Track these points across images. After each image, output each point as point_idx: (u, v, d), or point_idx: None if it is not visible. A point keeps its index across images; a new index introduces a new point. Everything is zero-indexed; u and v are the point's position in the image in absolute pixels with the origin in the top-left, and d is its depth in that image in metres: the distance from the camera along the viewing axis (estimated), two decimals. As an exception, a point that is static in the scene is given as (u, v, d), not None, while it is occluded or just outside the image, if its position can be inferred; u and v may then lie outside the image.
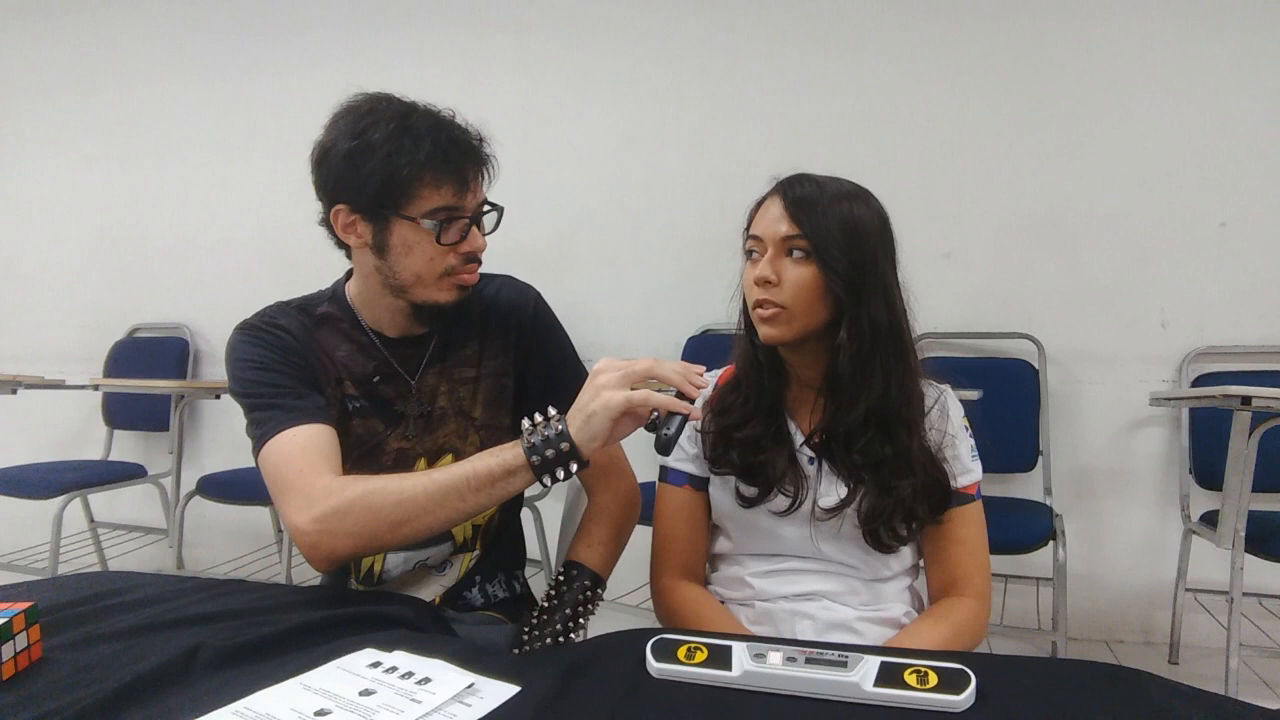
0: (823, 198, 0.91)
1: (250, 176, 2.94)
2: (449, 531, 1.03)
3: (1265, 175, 2.13)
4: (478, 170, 0.93)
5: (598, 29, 2.60)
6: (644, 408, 0.78)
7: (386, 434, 1.01)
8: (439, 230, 0.90)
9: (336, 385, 1.00)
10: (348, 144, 0.89)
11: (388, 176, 0.88)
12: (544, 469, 0.79)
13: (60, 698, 0.58)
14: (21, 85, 3.20)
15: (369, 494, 0.82)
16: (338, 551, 0.84)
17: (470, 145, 0.92)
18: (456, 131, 0.91)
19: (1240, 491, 1.61)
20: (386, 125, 0.89)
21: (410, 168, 0.88)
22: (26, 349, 3.14)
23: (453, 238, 0.92)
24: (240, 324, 1.00)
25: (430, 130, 0.89)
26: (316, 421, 0.91)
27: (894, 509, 0.91)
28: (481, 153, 0.94)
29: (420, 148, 0.88)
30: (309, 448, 0.88)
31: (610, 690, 0.63)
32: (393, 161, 0.88)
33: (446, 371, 1.04)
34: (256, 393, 0.93)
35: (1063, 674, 0.67)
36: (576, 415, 0.79)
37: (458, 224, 0.92)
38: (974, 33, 2.31)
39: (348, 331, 1.02)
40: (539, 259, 2.52)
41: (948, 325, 2.30)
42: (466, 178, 0.91)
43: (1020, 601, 2.20)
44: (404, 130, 0.89)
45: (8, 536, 2.74)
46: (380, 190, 0.89)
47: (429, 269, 0.93)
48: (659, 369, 0.80)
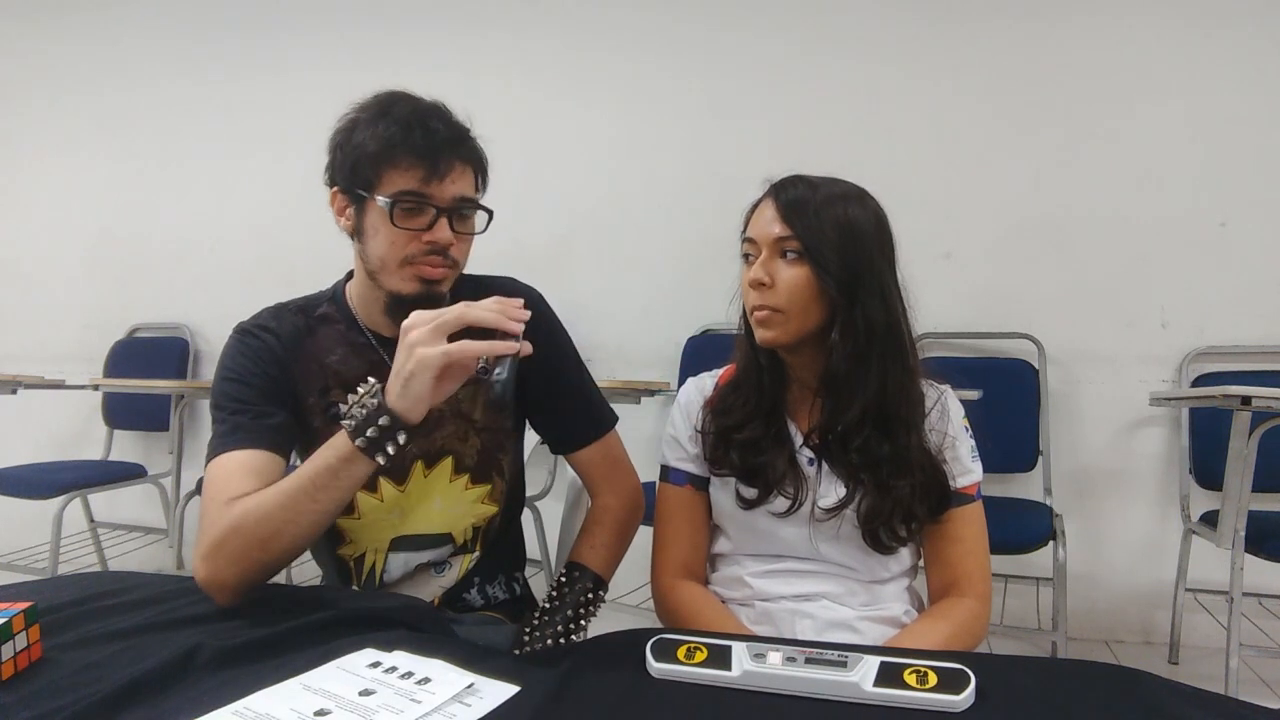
0: (815, 198, 0.91)
1: (250, 177, 2.94)
2: (451, 536, 1.03)
3: (1265, 175, 2.13)
4: (452, 160, 0.91)
5: (597, 30, 2.60)
6: (466, 357, 0.76)
7: None
8: (391, 210, 0.89)
9: (321, 395, 0.99)
10: (340, 129, 0.93)
11: (359, 156, 0.90)
12: (373, 448, 0.77)
13: (60, 698, 0.58)
14: (22, 85, 3.20)
15: (236, 518, 0.80)
16: (227, 582, 0.80)
17: (446, 135, 0.90)
18: (433, 120, 0.90)
19: (1240, 491, 1.61)
20: (371, 110, 0.91)
21: (376, 146, 0.89)
22: (26, 349, 3.14)
23: (416, 223, 0.90)
24: (236, 325, 1.00)
25: (405, 115, 0.89)
26: (259, 446, 0.89)
27: (893, 509, 0.91)
28: (463, 145, 0.92)
29: (390, 130, 0.88)
30: (235, 474, 0.86)
31: (610, 690, 0.63)
32: (365, 142, 0.89)
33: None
34: (221, 404, 0.93)
35: (1063, 674, 0.67)
36: (394, 381, 0.77)
37: (425, 212, 0.90)
38: (974, 33, 2.31)
39: (344, 333, 1.01)
40: (539, 259, 2.52)
41: (948, 325, 2.30)
42: (438, 165, 0.89)
43: (1020, 601, 2.20)
44: (382, 114, 0.90)
45: (8, 536, 2.74)
46: (353, 170, 0.91)
47: (390, 253, 0.91)
48: (471, 313, 0.77)
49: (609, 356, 2.56)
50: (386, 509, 1.01)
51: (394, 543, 1.02)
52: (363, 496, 0.99)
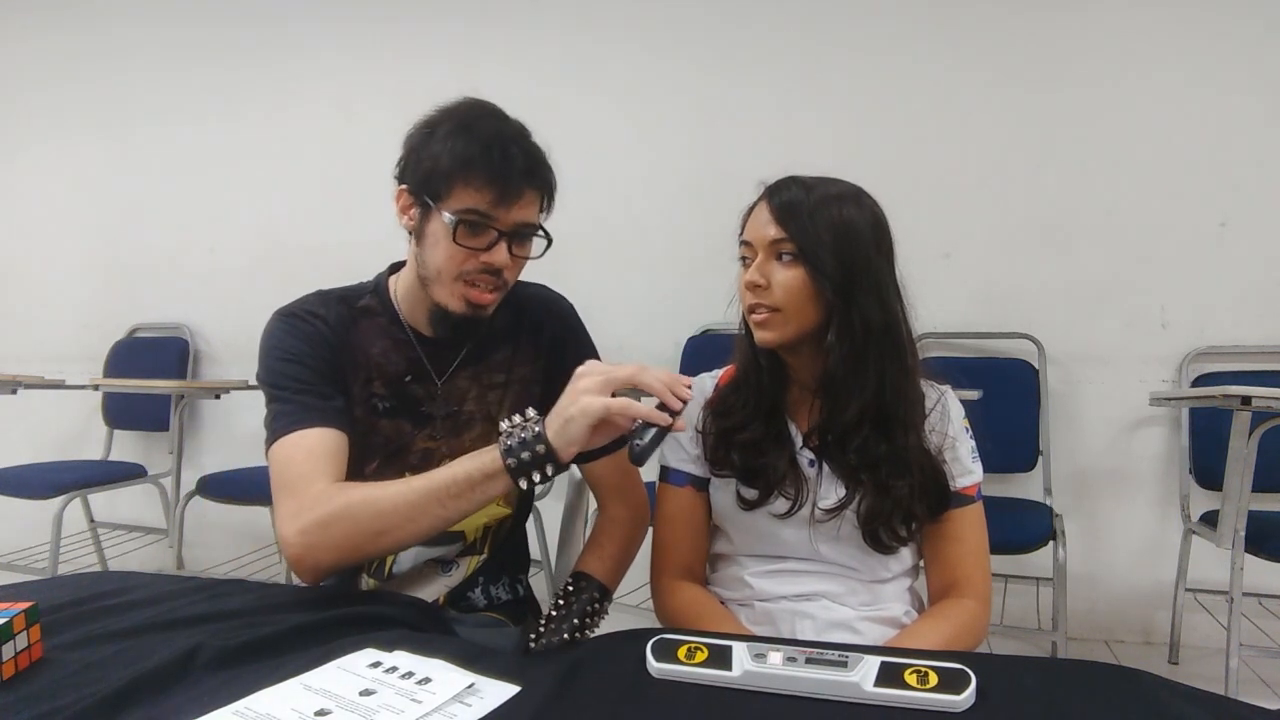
0: (809, 200, 0.91)
1: (251, 177, 2.93)
2: (463, 534, 1.03)
3: (1265, 175, 2.13)
4: (523, 188, 0.92)
5: (598, 30, 2.60)
6: (622, 416, 0.77)
7: (413, 434, 1.01)
8: (455, 227, 0.90)
9: (365, 384, 1.00)
10: (420, 130, 0.93)
11: (434, 166, 0.90)
12: (520, 472, 0.78)
13: (60, 698, 0.58)
14: (22, 85, 3.20)
15: (351, 505, 0.82)
16: (321, 563, 0.83)
17: (523, 163, 0.91)
18: (513, 145, 0.91)
19: (1240, 491, 1.62)
20: (455, 121, 0.92)
21: (453, 163, 0.89)
22: (26, 349, 3.14)
23: (477, 242, 0.91)
24: (279, 310, 1.00)
25: (487, 135, 0.90)
26: (331, 425, 0.91)
27: (893, 509, 0.91)
28: (537, 173, 0.94)
29: (470, 148, 0.89)
30: (315, 451, 0.88)
31: (610, 690, 0.63)
32: (442, 154, 0.90)
33: (478, 376, 1.04)
34: (280, 384, 0.93)
35: (1063, 674, 0.67)
36: (555, 419, 0.78)
37: (487, 233, 0.91)
38: (974, 34, 2.31)
39: (385, 327, 1.02)
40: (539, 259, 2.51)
41: (948, 325, 2.30)
42: (509, 190, 0.90)
43: (1020, 601, 2.20)
44: (465, 129, 0.91)
45: (8, 536, 2.74)
46: (426, 178, 0.91)
47: (447, 267, 0.93)
48: (642, 377, 0.79)
49: (609, 356, 2.53)
50: None
51: None
52: None
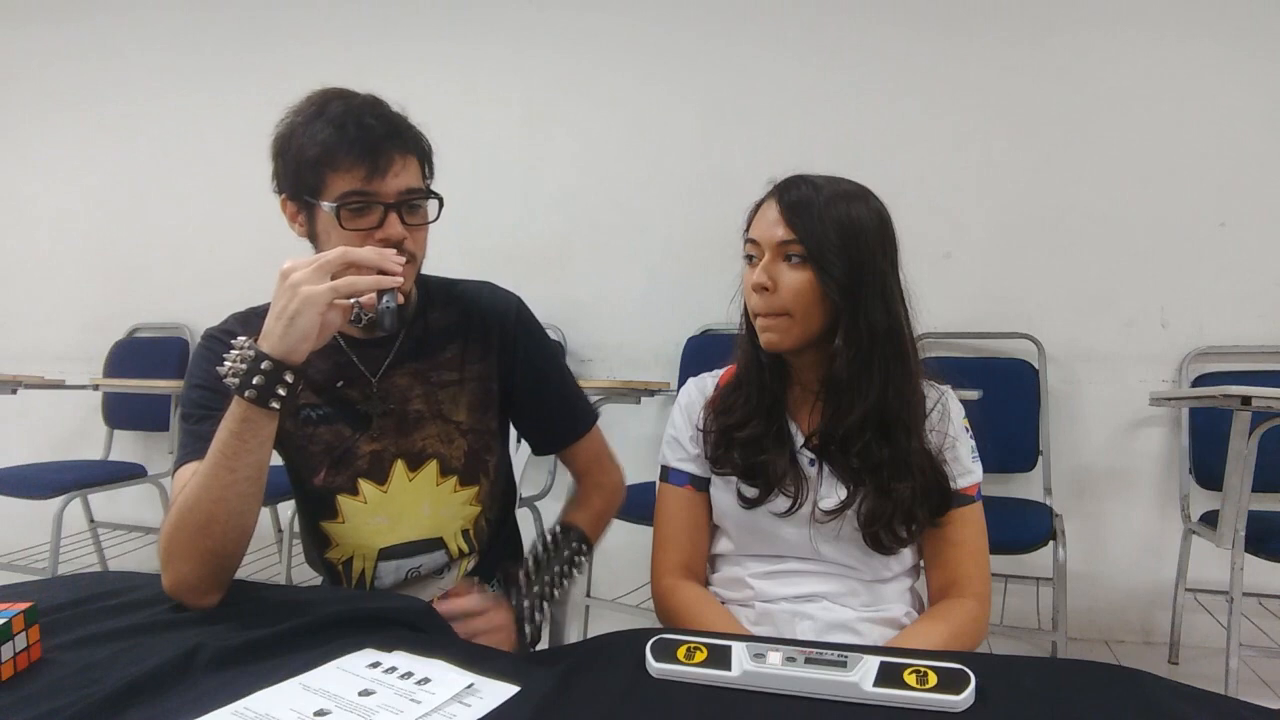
0: (818, 200, 0.90)
1: (250, 177, 2.92)
2: (442, 540, 1.03)
3: (1265, 175, 2.13)
4: (391, 154, 0.89)
5: (598, 30, 2.60)
6: (351, 291, 0.77)
7: (356, 438, 0.99)
8: (338, 214, 0.88)
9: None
10: (278, 136, 0.92)
11: (300, 163, 0.89)
12: (262, 397, 0.76)
13: (60, 698, 0.58)
14: (22, 86, 3.20)
15: (175, 516, 0.80)
16: (187, 579, 0.80)
17: (382, 129, 0.89)
18: (367, 115, 0.89)
19: (1240, 491, 1.61)
20: (306, 112, 0.90)
21: (315, 151, 0.88)
22: (26, 349, 3.14)
23: (365, 223, 0.89)
24: (204, 331, 1.00)
25: (339, 115, 0.88)
26: None
27: (893, 511, 0.91)
28: (401, 136, 0.91)
29: (326, 132, 0.88)
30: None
31: (610, 690, 0.63)
32: (304, 148, 0.88)
33: (423, 374, 1.02)
34: (187, 412, 0.93)
35: (1063, 674, 0.67)
36: (276, 324, 0.77)
37: (373, 210, 0.89)
38: (973, 34, 2.31)
39: None
40: (539, 259, 2.52)
41: (948, 325, 2.30)
42: (378, 161, 0.88)
43: (1020, 601, 2.20)
44: (316, 116, 0.89)
45: (8, 536, 2.74)
46: (298, 177, 0.90)
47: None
48: (352, 254, 0.79)
49: (609, 356, 2.55)
50: (371, 511, 1.00)
51: (382, 552, 1.02)
52: (344, 500, 0.99)
